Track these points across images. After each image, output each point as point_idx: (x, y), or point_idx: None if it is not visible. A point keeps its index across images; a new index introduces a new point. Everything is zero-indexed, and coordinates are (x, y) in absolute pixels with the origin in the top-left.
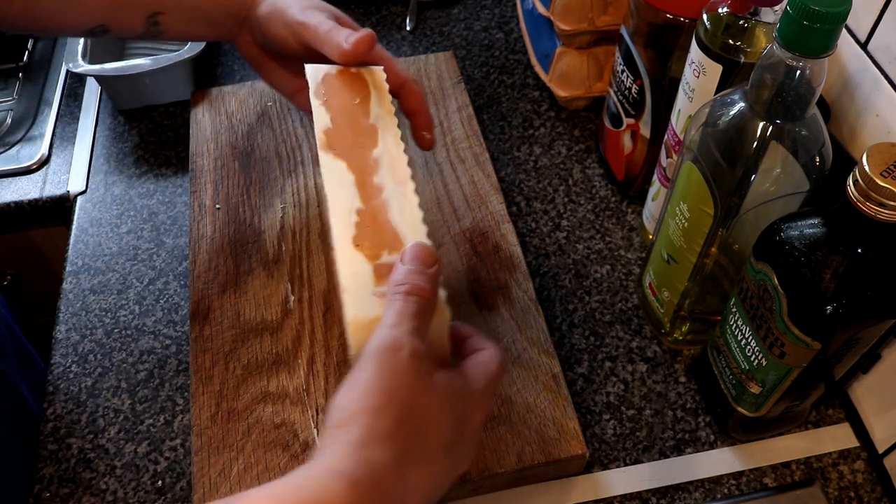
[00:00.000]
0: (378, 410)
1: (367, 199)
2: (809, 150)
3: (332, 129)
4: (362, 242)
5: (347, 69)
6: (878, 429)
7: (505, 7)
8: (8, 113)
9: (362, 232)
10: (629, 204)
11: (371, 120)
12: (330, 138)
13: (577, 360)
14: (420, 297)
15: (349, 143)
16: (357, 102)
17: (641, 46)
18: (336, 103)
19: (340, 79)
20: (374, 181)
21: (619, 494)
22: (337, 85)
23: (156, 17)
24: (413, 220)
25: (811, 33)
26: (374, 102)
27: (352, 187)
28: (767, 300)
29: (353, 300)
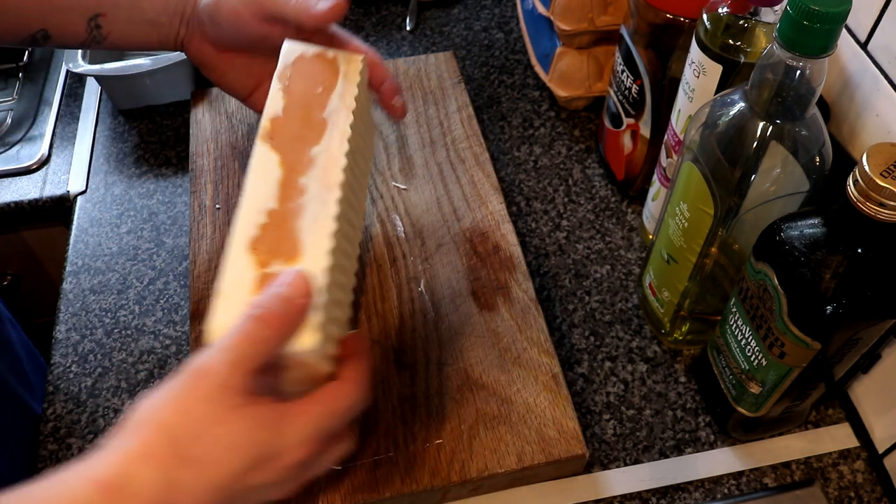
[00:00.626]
0: (162, 429)
1: (283, 200)
2: (809, 150)
3: (281, 118)
4: (259, 247)
5: (324, 54)
6: (878, 429)
7: (505, 7)
8: (8, 113)
9: (264, 235)
10: (629, 204)
11: (325, 113)
12: (274, 127)
13: (577, 360)
14: (270, 328)
15: (291, 135)
16: (318, 92)
17: (641, 46)
18: (297, 90)
19: (312, 64)
20: (299, 181)
21: (619, 494)
22: (306, 70)
23: (97, 20)
24: (322, 232)
25: (811, 33)
26: (336, 94)
27: (274, 185)
28: (767, 300)
29: (224, 305)
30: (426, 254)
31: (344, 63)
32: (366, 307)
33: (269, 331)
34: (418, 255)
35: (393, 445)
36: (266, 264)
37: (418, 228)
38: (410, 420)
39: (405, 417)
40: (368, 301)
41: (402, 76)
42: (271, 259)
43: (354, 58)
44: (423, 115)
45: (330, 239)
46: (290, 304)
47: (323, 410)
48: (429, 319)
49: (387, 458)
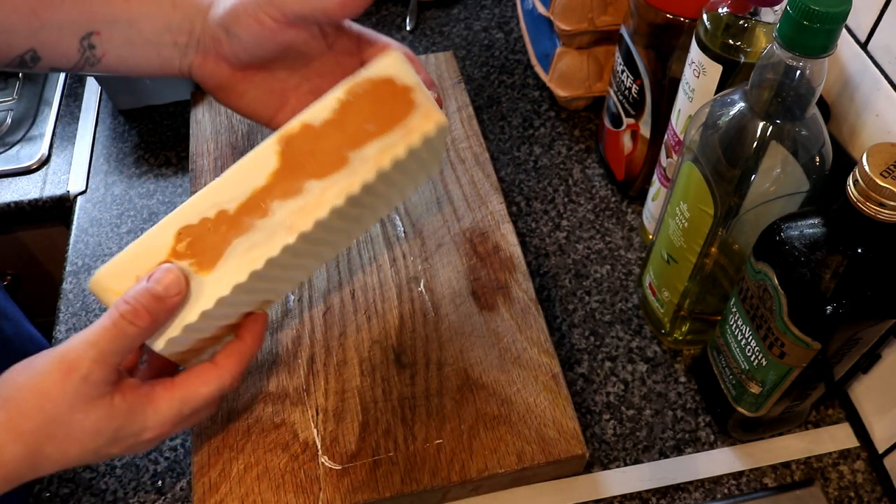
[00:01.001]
0: (27, 410)
1: (242, 211)
2: (809, 150)
3: (312, 129)
4: (185, 237)
5: (408, 93)
6: (878, 429)
7: (505, 7)
8: (8, 113)
9: (197, 229)
10: (629, 204)
11: (352, 153)
12: (299, 134)
13: (577, 360)
14: (135, 325)
15: (306, 152)
16: (367, 128)
17: (641, 46)
18: (351, 111)
19: (390, 94)
20: (272, 203)
21: (619, 494)
22: (378, 96)
23: (90, 39)
24: (246, 264)
25: (811, 33)
26: (379, 143)
27: (247, 190)
28: (767, 300)
29: (117, 267)
30: (426, 254)
31: (418, 117)
32: (366, 307)
33: (133, 328)
34: (418, 255)
35: (393, 445)
36: (178, 256)
37: (418, 228)
38: (410, 420)
39: (405, 417)
40: (368, 301)
41: None
42: (186, 254)
43: (434, 117)
44: None
45: (247, 275)
46: (161, 302)
47: (185, 395)
48: (429, 319)
49: (387, 458)
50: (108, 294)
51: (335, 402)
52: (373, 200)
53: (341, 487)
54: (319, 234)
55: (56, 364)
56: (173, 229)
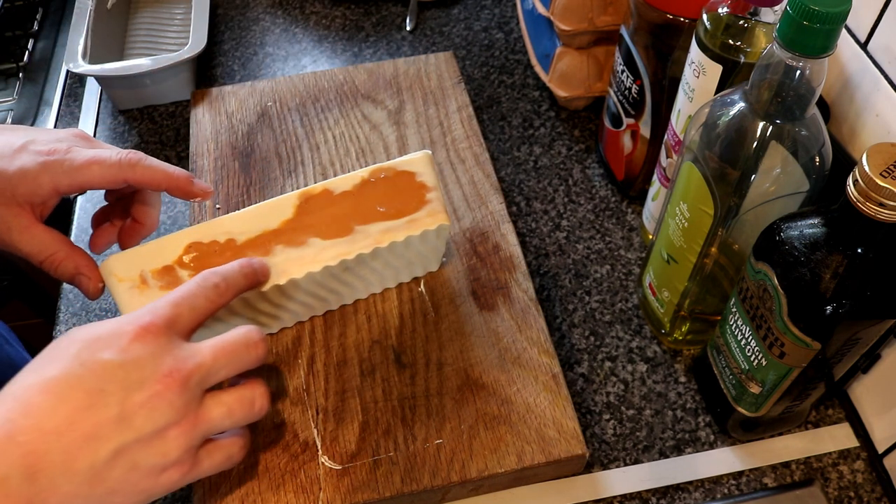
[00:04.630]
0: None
1: (249, 246)
2: (809, 150)
3: (331, 195)
4: (192, 252)
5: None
6: (878, 429)
7: (505, 7)
8: (8, 113)
9: (207, 248)
10: (629, 204)
11: (358, 227)
12: (318, 196)
13: (577, 360)
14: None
15: (320, 209)
16: (378, 209)
17: (641, 46)
18: (370, 188)
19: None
20: (275, 247)
21: (619, 494)
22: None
23: None
24: None
25: (811, 33)
26: (383, 226)
27: (259, 229)
28: (767, 300)
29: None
30: None
31: (425, 213)
32: (366, 307)
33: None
34: None
35: (393, 445)
36: (182, 265)
37: None
38: (410, 420)
39: (405, 417)
40: (368, 301)
41: (402, 76)
42: (189, 265)
43: (439, 218)
44: (423, 115)
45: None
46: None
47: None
48: (429, 319)
49: (387, 458)
50: (112, 278)
51: (335, 402)
52: (365, 273)
53: (341, 487)
54: (309, 285)
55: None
56: (185, 241)
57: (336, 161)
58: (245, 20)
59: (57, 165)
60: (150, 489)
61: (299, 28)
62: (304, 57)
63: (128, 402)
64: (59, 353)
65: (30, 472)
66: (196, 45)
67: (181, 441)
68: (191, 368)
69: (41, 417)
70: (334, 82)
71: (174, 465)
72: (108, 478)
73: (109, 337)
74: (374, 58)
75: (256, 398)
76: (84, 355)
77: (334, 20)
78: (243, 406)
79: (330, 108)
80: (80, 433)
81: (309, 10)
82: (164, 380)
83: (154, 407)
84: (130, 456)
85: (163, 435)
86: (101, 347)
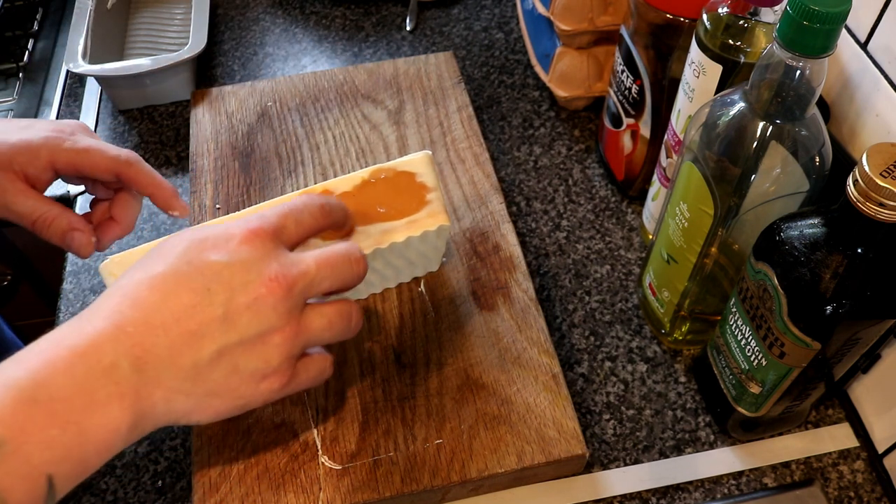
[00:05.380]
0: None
1: None
2: (809, 150)
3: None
4: None
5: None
6: (878, 429)
7: (505, 7)
8: (8, 113)
9: None
10: (629, 204)
11: (357, 228)
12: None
13: (577, 360)
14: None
15: None
16: (377, 210)
17: (641, 46)
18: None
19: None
20: None
21: (619, 494)
22: (398, 185)
23: None
24: None
25: (811, 33)
26: (382, 227)
27: None
28: (767, 300)
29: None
30: None
31: (426, 214)
32: (366, 307)
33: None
34: None
35: (393, 445)
36: None
37: None
38: (410, 420)
39: (405, 417)
40: (368, 301)
41: (402, 76)
42: None
43: (439, 219)
44: (423, 115)
45: None
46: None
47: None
48: (429, 319)
49: (387, 458)
50: (112, 279)
51: (335, 402)
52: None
53: (341, 487)
54: None
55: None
56: None
57: (336, 161)
58: (245, 20)
59: (58, 143)
60: (250, 396)
61: (299, 28)
62: (304, 57)
63: (232, 302)
64: (167, 252)
65: (138, 363)
66: (196, 45)
67: (283, 348)
68: (295, 275)
69: (149, 312)
70: (334, 82)
71: (274, 372)
72: (209, 377)
73: (217, 238)
74: (374, 58)
75: (354, 313)
76: (192, 254)
77: (334, 20)
78: (342, 319)
79: (330, 108)
80: (185, 330)
81: (309, 10)
82: (268, 284)
83: (258, 310)
84: (233, 358)
85: (265, 339)
86: (209, 248)
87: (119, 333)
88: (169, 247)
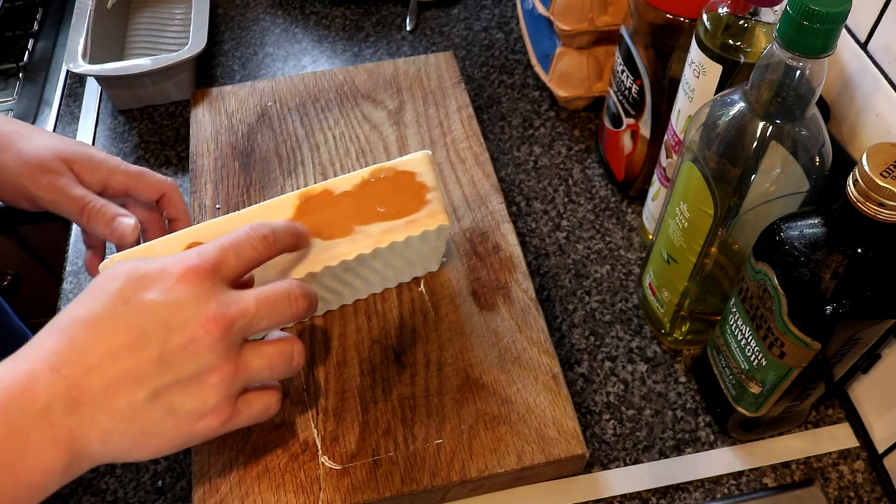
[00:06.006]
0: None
1: None
2: (809, 150)
3: (331, 195)
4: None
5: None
6: (878, 429)
7: (505, 7)
8: (8, 113)
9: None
10: (629, 204)
11: (358, 227)
12: (318, 196)
13: (577, 360)
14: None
15: (319, 210)
16: (377, 209)
17: (641, 46)
18: (370, 189)
19: (407, 186)
20: None
21: (619, 494)
22: (398, 185)
23: None
24: None
25: (811, 33)
26: (383, 226)
27: None
28: (767, 300)
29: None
30: None
31: (425, 213)
32: (366, 307)
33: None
34: None
35: (393, 445)
36: None
37: None
38: (410, 420)
39: (405, 417)
40: (368, 301)
41: (402, 76)
42: None
43: (439, 218)
44: (423, 115)
45: None
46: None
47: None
48: (429, 319)
49: (387, 458)
50: None
51: (335, 402)
52: (366, 273)
53: (341, 487)
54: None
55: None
56: (186, 241)
57: (336, 161)
58: (245, 20)
59: (117, 163)
60: (188, 435)
61: (299, 28)
62: (304, 57)
63: (168, 343)
64: (103, 289)
65: (72, 404)
66: (196, 45)
67: (220, 388)
68: (234, 315)
69: (85, 352)
70: (334, 82)
71: (212, 411)
72: (146, 418)
73: (155, 276)
74: (374, 58)
75: (295, 354)
76: (128, 293)
77: (334, 20)
78: (283, 359)
79: (330, 108)
80: (120, 371)
81: (309, 10)
82: (206, 324)
83: (195, 350)
84: (169, 398)
85: (202, 379)
86: (146, 286)
87: (54, 375)
88: (104, 283)
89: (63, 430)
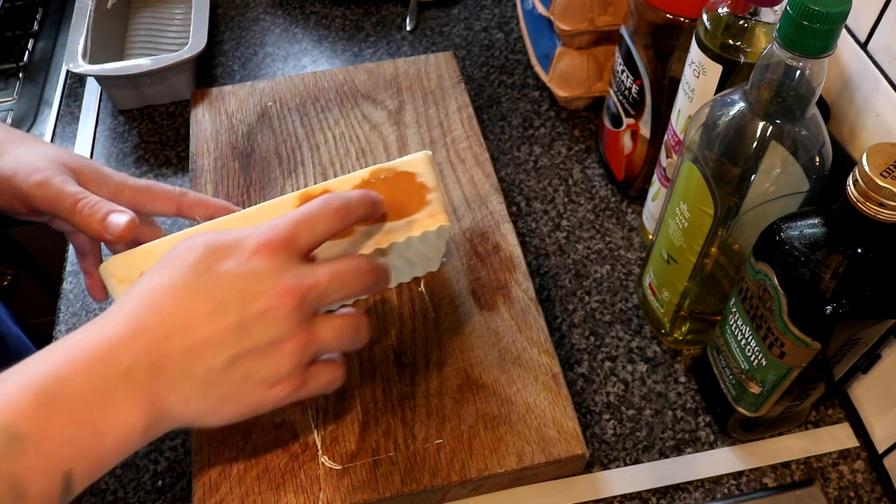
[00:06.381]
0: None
1: None
2: (809, 150)
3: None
4: None
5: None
6: (878, 429)
7: (505, 7)
8: (8, 113)
9: None
10: (629, 204)
11: (358, 228)
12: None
13: (577, 360)
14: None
15: None
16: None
17: (641, 46)
18: (374, 185)
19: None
20: None
21: (619, 494)
22: (399, 186)
23: None
24: None
25: (811, 33)
26: (386, 228)
27: None
28: (767, 300)
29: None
30: None
31: (425, 214)
32: (366, 307)
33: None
34: None
35: (393, 445)
36: None
37: None
38: (410, 420)
39: (405, 417)
40: (368, 301)
41: (402, 76)
42: None
43: (439, 219)
44: (423, 115)
45: None
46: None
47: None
48: (429, 319)
49: (387, 458)
50: (112, 280)
51: (335, 402)
52: None
53: (341, 487)
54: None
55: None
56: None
57: (336, 161)
58: (245, 20)
59: (125, 179)
60: (260, 401)
61: (299, 28)
62: (304, 57)
63: (246, 311)
64: (182, 259)
65: (154, 368)
66: (196, 45)
67: (294, 356)
68: (307, 287)
69: (166, 318)
70: (334, 82)
71: (285, 379)
72: (223, 383)
73: (231, 248)
74: (374, 58)
75: (362, 326)
76: (206, 263)
77: (334, 20)
78: (352, 330)
79: (330, 108)
80: (200, 337)
81: (309, 10)
82: (282, 295)
83: (271, 319)
84: (245, 365)
85: (277, 347)
86: (222, 257)
87: (137, 338)
88: (183, 254)
89: (145, 391)
